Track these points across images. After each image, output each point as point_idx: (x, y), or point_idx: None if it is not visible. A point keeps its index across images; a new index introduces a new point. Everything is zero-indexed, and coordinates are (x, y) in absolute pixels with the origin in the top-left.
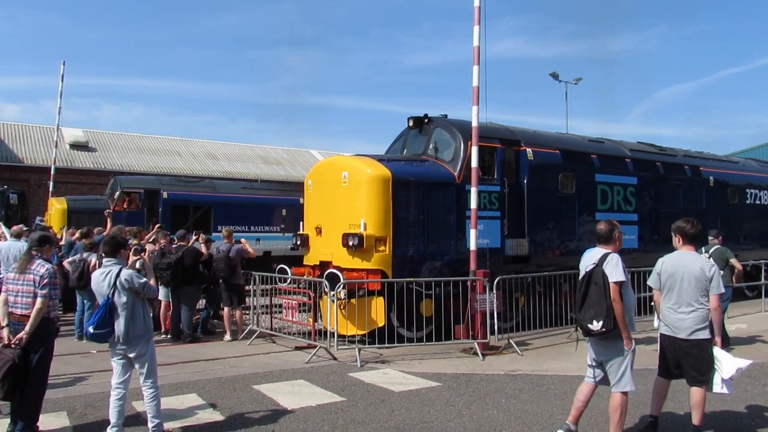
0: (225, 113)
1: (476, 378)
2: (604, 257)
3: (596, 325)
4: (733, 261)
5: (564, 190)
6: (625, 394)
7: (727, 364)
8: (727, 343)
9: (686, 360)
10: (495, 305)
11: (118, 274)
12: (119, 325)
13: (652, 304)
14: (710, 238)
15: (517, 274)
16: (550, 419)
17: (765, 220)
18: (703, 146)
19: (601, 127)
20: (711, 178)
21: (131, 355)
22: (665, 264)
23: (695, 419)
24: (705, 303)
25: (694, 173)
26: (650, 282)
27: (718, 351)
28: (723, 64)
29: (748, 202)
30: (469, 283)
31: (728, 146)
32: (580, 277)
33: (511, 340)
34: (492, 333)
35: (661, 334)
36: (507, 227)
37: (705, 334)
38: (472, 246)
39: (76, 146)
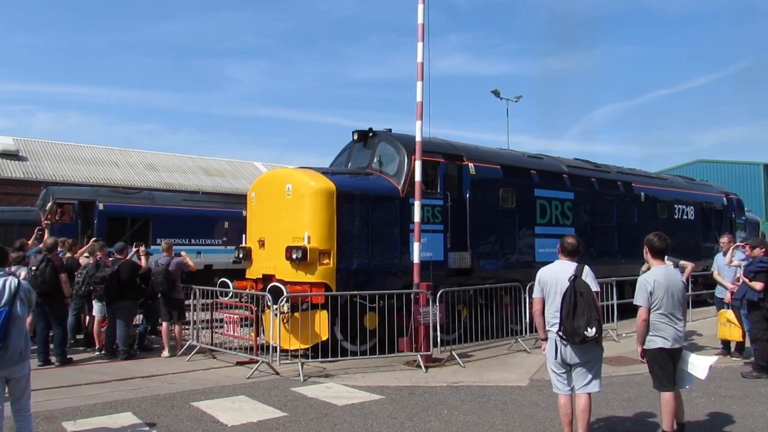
0: (167, 123)
1: (419, 390)
2: (581, 269)
3: (591, 332)
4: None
5: (505, 204)
6: (590, 395)
7: (699, 363)
8: None
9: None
10: (438, 318)
11: (18, 284)
12: (16, 339)
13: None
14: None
15: (460, 287)
16: (491, 429)
17: (691, 234)
18: (636, 163)
19: (541, 144)
20: (642, 193)
21: (16, 376)
22: (658, 279)
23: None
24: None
25: (627, 189)
26: (641, 301)
27: (686, 353)
28: (655, 86)
29: (676, 217)
30: (412, 295)
31: (659, 164)
32: (562, 288)
33: (453, 352)
34: (435, 345)
35: (660, 349)
36: (450, 240)
37: None
38: (416, 259)
39: (5, 155)
